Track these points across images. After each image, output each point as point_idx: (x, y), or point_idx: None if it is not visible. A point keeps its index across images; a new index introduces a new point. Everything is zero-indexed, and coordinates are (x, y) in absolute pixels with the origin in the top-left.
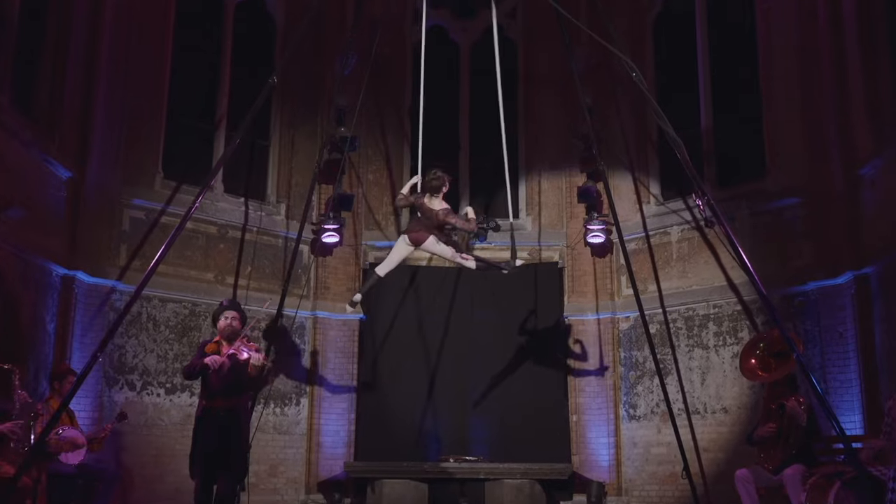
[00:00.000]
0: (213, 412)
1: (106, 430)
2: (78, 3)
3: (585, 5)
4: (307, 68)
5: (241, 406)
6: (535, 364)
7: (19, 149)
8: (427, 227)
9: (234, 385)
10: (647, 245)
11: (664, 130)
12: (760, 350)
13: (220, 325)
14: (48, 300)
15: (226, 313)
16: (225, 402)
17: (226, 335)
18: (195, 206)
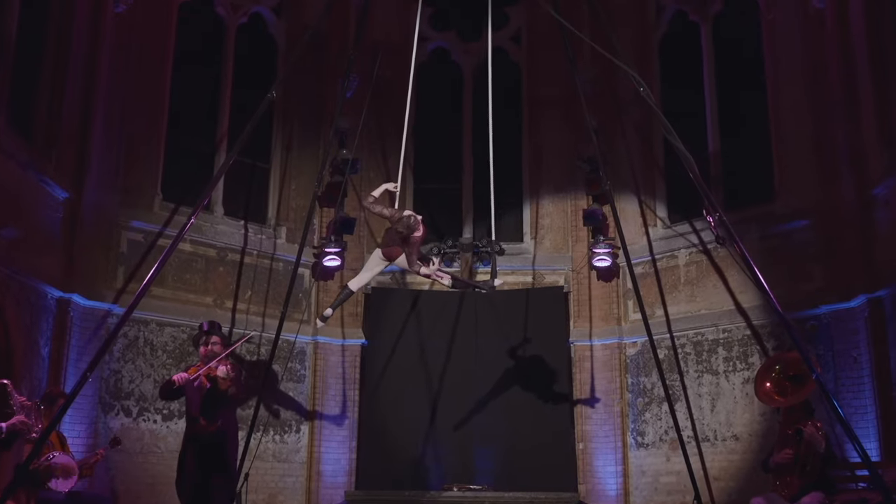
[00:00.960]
0: (196, 436)
1: (98, 455)
2: (77, 22)
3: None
4: (308, 91)
5: (225, 428)
6: (540, 390)
7: (15, 169)
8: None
9: (214, 405)
10: (654, 269)
11: (673, 145)
12: (776, 373)
13: (202, 351)
14: (43, 323)
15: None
16: (207, 424)
17: (206, 362)
18: (188, 225)
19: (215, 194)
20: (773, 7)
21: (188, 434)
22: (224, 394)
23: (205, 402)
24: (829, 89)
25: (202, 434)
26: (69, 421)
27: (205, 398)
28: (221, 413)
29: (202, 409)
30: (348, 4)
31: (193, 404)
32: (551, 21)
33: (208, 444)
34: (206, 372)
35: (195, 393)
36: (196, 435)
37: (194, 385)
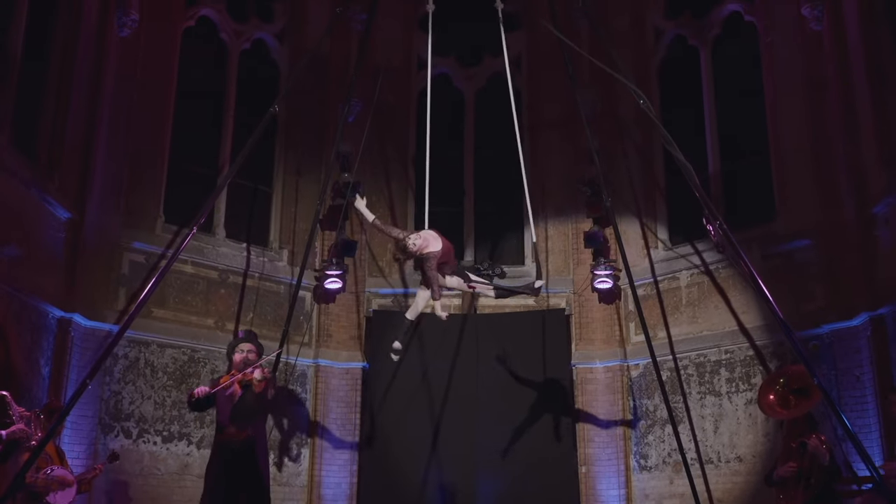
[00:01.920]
0: (226, 445)
1: (96, 470)
2: (82, 45)
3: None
4: (311, 116)
5: (256, 437)
6: (542, 414)
7: (18, 188)
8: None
9: (245, 413)
10: (656, 290)
11: (673, 156)
12: (780, 386)
13: (236, 359)
14: (43, 342)
15: (241, 346)
16: (238, 432)
17: (240, 369)
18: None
19: (217, 217)
20: (771, 30)
21: (217, 443)
22: (256, 400)
23: (235, 410)
24: (828, 109)
25: (232, 442)
26: (68, 441)
27: (235, 406)
28: (252, 421)
29: (232, 416)
30: (350, 31)
31: (223, 412)
32: (551, 46)
33: (238, 453)
34: (241, 378)
35: (226, 401)
36: (226, 443)
37: (226, 393)
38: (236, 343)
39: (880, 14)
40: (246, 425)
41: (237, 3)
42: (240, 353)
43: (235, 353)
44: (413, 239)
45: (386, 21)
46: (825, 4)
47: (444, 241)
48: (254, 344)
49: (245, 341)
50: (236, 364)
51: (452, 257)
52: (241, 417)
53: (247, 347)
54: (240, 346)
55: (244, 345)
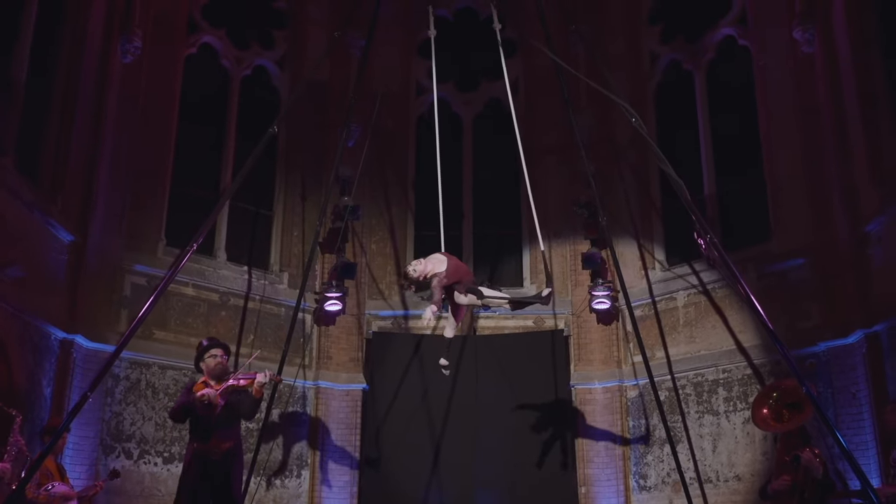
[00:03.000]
0: (207, 455)
1: (97, 487)
2: (85, 71)
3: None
4: (312, 140)
5: (236, 448)
6: (542, 435)
7: (21, 210)
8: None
9: (230, 421)
10: (654, 311)
11: (665, 172)
12: (773, 400)
13: (210, 365)
14: (46, 363)
15: (211, 352)
16: (221, 442)
17: (216, 374)
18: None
19: (218, 240)
20: (764, 53)
21: (195, 453)
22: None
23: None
24: (821, 130)
25: (212, 452)
26: (70, 462)
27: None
28: (231, 432)
29: (215, 426)
30: (350, 57)
31: (202, 422)
32: (548, 70)
33: (218, 465)
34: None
35: (207, 410)
36: (204, 453)
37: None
38: (206, 349)
39: (871, 36)
40: (230, 435)
41: (238, 31)
42: (212, 358)
43: (207, 358)
44: (413, 266)
45: (385, 48)
46: (816, 27)
47: (452, 262)
48: (222, 348)
49: (214, 346)
50: (211, 369)
51: (465, 275)
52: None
53: (218, 353)
54: (211, 352)
55: (215, 349)
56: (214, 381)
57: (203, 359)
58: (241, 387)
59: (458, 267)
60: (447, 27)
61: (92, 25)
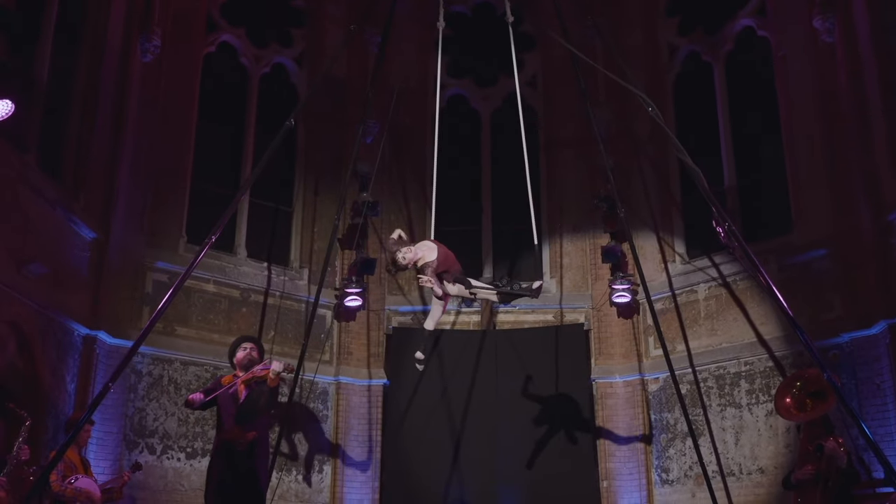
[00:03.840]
0: (230, 446)
1: (124, 478)
2: (106, 70)
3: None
4: (331, 137)
5: (261, 439)
6: (563, 429)
7: (44, 207)
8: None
9: (252, 411)
10: (674, 304)
11: (683, 161)
12: (797, 389)
13: (239, 357)
14: (69, 359)
15: (243, 345)
16: (243, 431)
17: (244, 365)
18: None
19: (239, 237)
20: (784, 44)
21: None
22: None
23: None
24: (842, 120)
25: (236, 443)
26: (94, 457)
27: (242, 405)
28: (257, 422)
29: (238, 416)
30: (368, 54)
31: (227, 412)
32: (566, 65)
33: (243, 456)
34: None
35: (230, 401)
36: (229, 444)
37: (229, 392)
38: (237, 343)
39: (891, 24)
40: (252, 425)
41: (257, 29)
42: (242, 350)
43: (238, 351)
44: (403, 252)
45: (402, 44)
46: (837, 16)
47: (441, 249)
48: (254, 342)
49: (246, 340)
50: (239, 361)
51: (454, 265)
52: (248, 417)
53: (248, 345)
54: (242, 345)
55: (245, 343)
56: (242, 372)
57: (235, 351)
58: (259, 377)
59: (447, 255)
60: (465, 23)
61: (112, 25)
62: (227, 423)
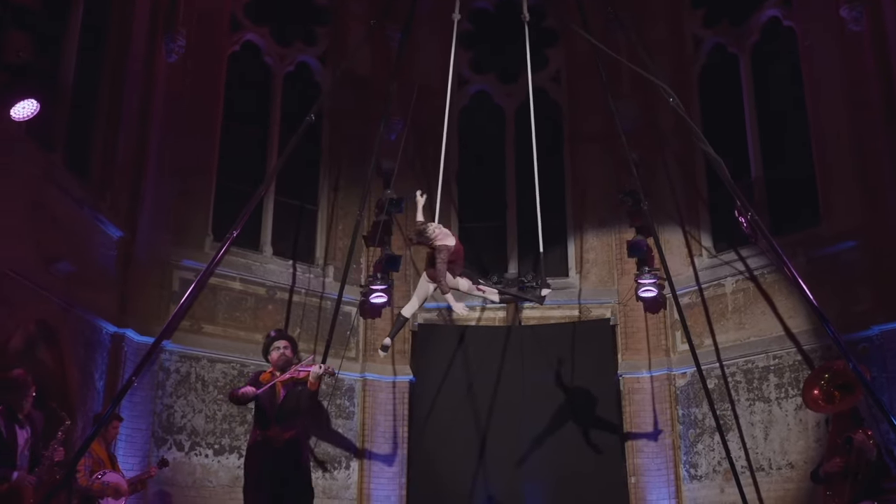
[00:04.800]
0: (269, 443)
1: (149, 473)
2: (131, 70)
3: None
4: (354, 135)
5: (299, 436)
6: (589, 425)
7: (72, 206)
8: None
9: (291, 412)
10: (701, 298)
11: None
12: (825, 381)
13: (273, 357)
14: (98, 357)
15: (276, 344)
16: (282, 430)
17: (279, 365)
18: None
19: (264, 235)
20: (810, 34)
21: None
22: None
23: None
24: (870, 109)
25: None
26: (123, 453)
27: (282, 404)
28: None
29: (279, 416)
30: (391, 51)
31: (267, 411)
32: (589, 60)
33: (282, 453)
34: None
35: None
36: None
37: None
38: (270, 342)
39: None
40: (292, 424)
41: (281, 28)
42: (276, 350)
43: (272, 351)
44: (433, 227)
45: (425, 41)
46: (864, 5)
47: (457, 241)
48: (288, 340)
49: (279, 339)
50: (274, 361)
51: (462, 259)
52: (287, 416)
53: (282, 344)
54: (275, 344)
55: (279, 342)
56: (279, 370)
57: (269, 350)
58: (300, 378)
59: (460, 248)
60: (488, 19)
61: (137, 25)
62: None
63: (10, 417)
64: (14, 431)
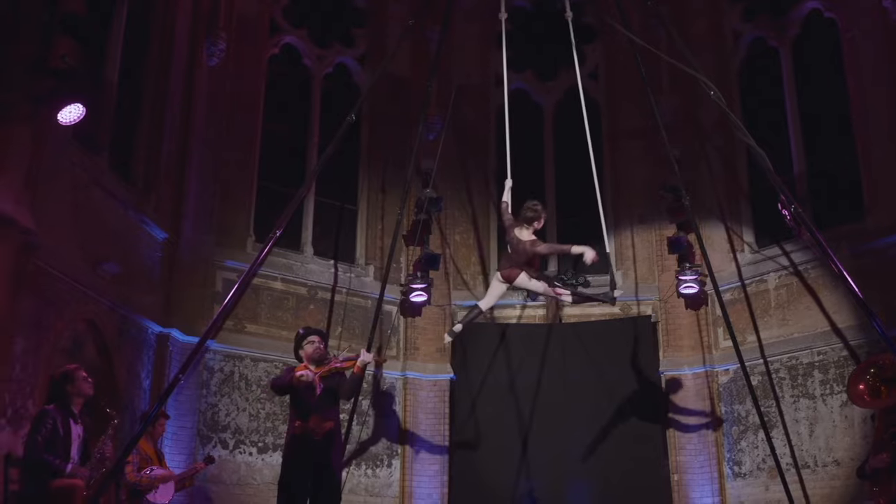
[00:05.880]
0: (308, 435)
1: (197, 467)
2: (173, 74)
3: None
4: (394, 135)
5: (337, 429)
6: (632, 422)
7: (117, 208)
8: (517, 264)
9: (330, 403)
10: (744, 294)
11: (747, 143)
12: (871, 376)
13: (308, 351)
14: (144, 357)
15: (309, 339)
16: (322, 422)
17: (315, 359)
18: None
19: (305, 235)
20: (853, 25)
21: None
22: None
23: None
24: None
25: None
26: (169, 451)
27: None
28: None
29: (318, 404)
30: (429, 52)
31: (304, 402)
32: (627, 56)
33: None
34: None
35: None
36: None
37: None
38: (302, 338)
39: None
40: (331, 415)
41: (319, 30)
42: (311, 344)
43: (306, 346)
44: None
45: (464, 40)
46: None
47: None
48: (319, 335)
49: (312, 334)
50: (309, 355)
51: (538, 261)
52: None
53: (315, 339)
54: (309, 339)
55: (312, 336)
56: (314, 366)
57: (301, 346)
58: (341, 369)
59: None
60: (525, 17)
61: (179, 30)
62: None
63: (66, 413)
64: (69, 427)
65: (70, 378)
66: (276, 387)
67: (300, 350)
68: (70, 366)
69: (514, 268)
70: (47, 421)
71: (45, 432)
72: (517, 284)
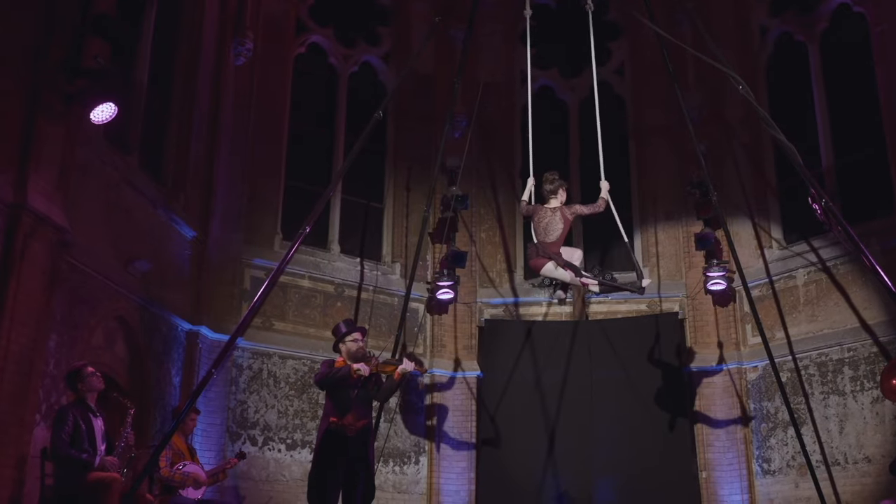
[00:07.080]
0: (343, 431)
1: (229, 463)
2: (201, 74)
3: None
4: (419, 133)
5: (370, 427)
6: (659, 419)
7: (147, 207)
8: (543, 254)
9: (366, 401)
10: (772, 290)
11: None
12: None
13: (351, 348)
14: (174, 353)
15: (353, 336)
16: (357, 419)
17: (356, 357)
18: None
19: (332, 233)
20: (882, 18)
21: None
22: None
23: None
24: None
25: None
26: (199, 448)
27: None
28: (367, 411)
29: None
30: (454, 50)
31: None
32: (653, 52)
33: (350, 440)
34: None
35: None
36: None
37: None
38: (346, 333)
39: None
40: (367, 414)
41: (345, 29)
42: (355, 342)
43: (349, 342)
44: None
45: (488, 38)
46: None
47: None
48: (360, 331)
49: (354, 331)
50: (353, 353)
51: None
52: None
53: (359, 336)
54: (353, 336)
55: (355, 333)
56: (352, 360)
57: (343, 342)
58: (386, 372)
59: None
60: (549, 14)
61: (206, 30)
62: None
63: (84, 409)
64: (90, 421)
65: (79, 375)
66: (328, 381)
67: (341, 344)
68: (77, 363)
69: (540, 258)
70: (67, 418)
71: (67, 429)
72: (544, 273)
